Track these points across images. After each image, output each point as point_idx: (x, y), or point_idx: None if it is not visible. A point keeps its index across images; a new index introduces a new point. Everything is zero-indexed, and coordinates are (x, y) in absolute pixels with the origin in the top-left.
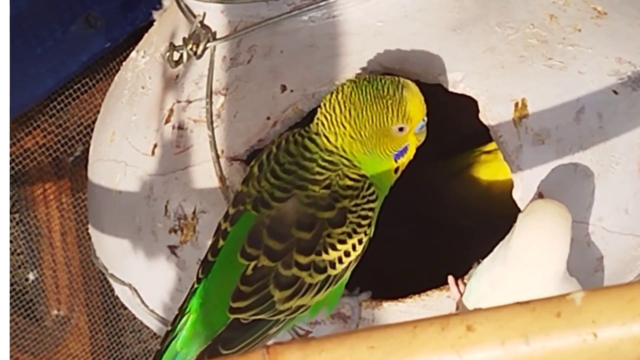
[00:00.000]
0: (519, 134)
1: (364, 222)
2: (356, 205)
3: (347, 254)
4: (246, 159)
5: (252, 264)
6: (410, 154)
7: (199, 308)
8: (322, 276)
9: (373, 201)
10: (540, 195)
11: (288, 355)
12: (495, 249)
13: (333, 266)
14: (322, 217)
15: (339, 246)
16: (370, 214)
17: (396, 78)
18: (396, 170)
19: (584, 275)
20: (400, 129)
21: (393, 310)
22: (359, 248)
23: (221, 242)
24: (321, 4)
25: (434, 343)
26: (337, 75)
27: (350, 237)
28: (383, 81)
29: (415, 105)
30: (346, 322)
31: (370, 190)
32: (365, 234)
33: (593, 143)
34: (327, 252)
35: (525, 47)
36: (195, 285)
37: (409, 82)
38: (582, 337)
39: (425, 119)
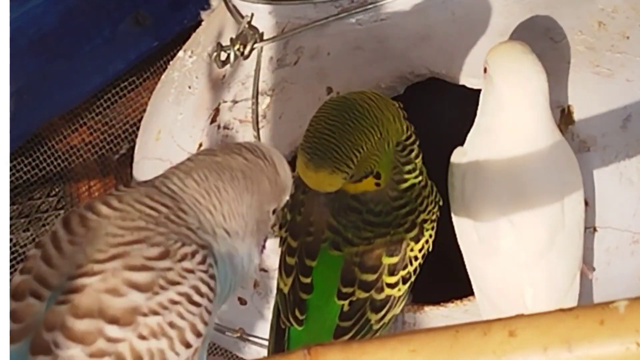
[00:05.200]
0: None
1: (434, 224)
2: (429, 212)
3: (424, 256)
4: (291, 160)
5: (348, 300)
6: None
7: None
8: (408, 284)
9: (436, 201)
10: (586, 202)
11: (330, 356)
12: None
13: (415, 272)
14: (407, 237)
15: (419, 254)
16: (436, 213)
17: None
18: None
19: (628, 284)
20: None
21: (435, 315)
22: (430, 241)
23: (306, 280)
24: (369, 7)
25: (475, 348)
26: (383, 78)
27: (427, 242)
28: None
29: None
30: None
31: (434, 192)
32: (433, 229)
33: (639, 151)
34: (411, 264)
35: (572, 54)
36: (298, 327)
37: None
38: (624, 346)
39: None
